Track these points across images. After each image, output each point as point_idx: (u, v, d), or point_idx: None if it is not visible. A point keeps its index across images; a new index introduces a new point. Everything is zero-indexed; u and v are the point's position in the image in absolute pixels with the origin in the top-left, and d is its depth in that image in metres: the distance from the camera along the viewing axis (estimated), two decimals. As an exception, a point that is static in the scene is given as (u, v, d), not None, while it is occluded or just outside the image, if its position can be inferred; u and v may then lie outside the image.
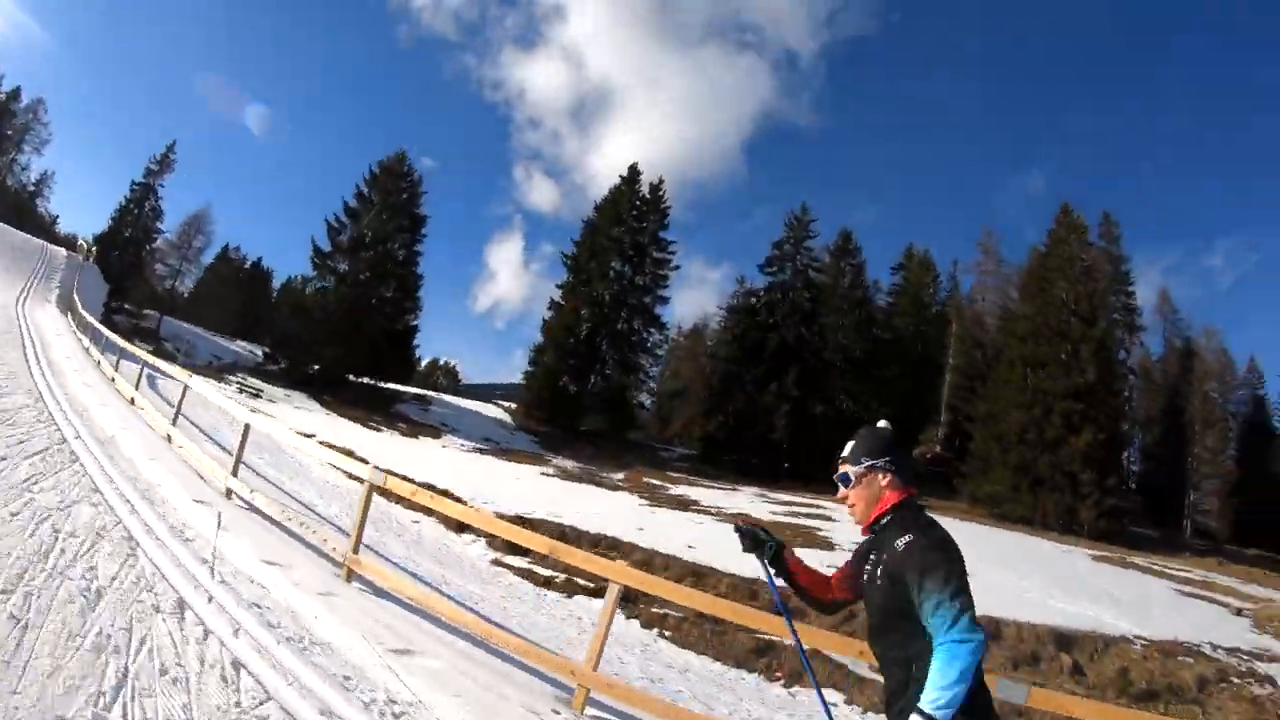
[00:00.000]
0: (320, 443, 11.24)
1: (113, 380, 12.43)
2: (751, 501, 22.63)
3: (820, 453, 37.98)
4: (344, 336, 32.81)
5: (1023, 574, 14.67)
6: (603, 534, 12.86)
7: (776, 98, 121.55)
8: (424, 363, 60.50)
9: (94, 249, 41.39)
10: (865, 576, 2.03)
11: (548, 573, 10.47)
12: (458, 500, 11.81)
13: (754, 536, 2.27)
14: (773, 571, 2.29)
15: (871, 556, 2.02)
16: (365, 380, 33.98)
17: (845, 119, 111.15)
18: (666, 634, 9.29)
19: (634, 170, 40.47)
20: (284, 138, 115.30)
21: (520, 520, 12.00)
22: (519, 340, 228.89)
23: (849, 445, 2.10)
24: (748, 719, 6.66)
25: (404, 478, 7.07)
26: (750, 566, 10.66)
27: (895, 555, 1.86)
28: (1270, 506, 35.46)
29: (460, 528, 11.42)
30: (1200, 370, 38.52)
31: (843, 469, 2.07)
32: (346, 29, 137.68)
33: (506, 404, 41.04)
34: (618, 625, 8.06)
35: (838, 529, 17.16)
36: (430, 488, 12.18)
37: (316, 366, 32.93)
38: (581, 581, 10.16)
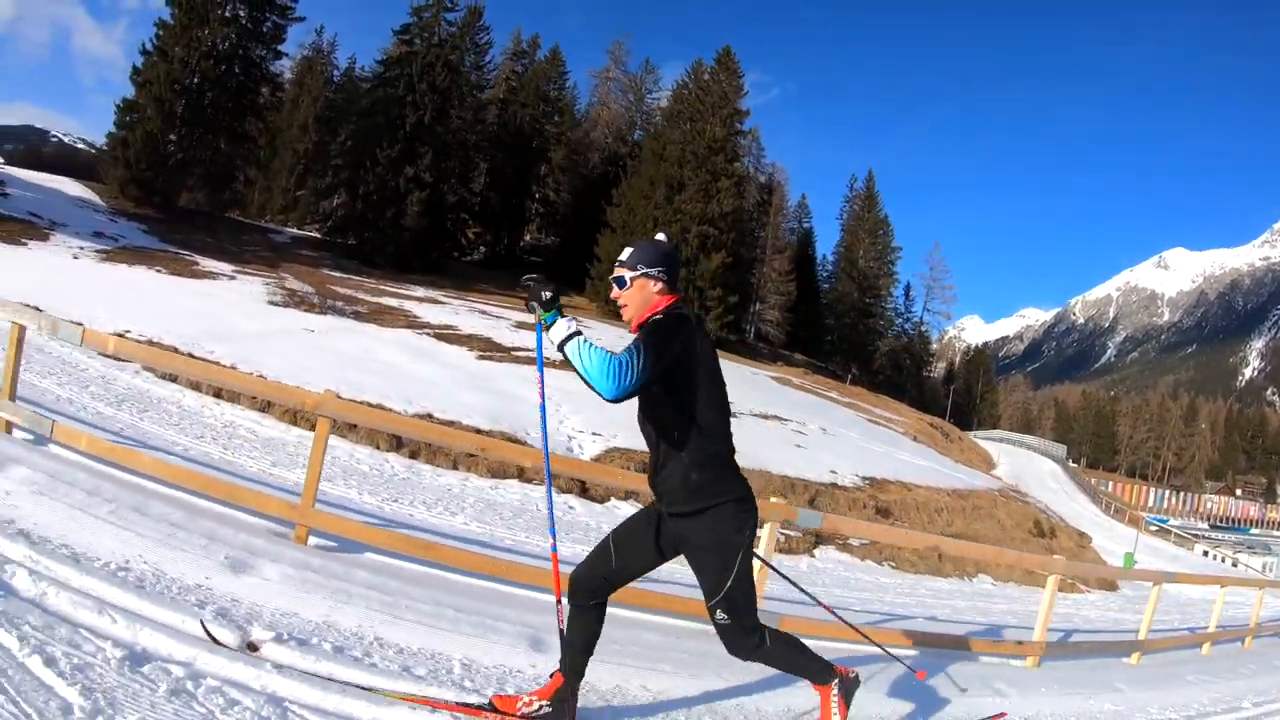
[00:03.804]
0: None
1: None
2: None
3: (449, 243, 37.04)
4: None
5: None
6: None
7: None
8: None
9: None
10: None
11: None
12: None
13: (540, 296, 2.04)
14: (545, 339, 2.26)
15: None
16: None
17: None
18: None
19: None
20: None
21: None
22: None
23: (627, 251, 2.20)
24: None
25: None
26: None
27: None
28: (810, 321, 46.39)
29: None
30: (775, 203, 46.85)
31: (620, 272, 2.18)
32: None
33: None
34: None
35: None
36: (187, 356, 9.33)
37: None
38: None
